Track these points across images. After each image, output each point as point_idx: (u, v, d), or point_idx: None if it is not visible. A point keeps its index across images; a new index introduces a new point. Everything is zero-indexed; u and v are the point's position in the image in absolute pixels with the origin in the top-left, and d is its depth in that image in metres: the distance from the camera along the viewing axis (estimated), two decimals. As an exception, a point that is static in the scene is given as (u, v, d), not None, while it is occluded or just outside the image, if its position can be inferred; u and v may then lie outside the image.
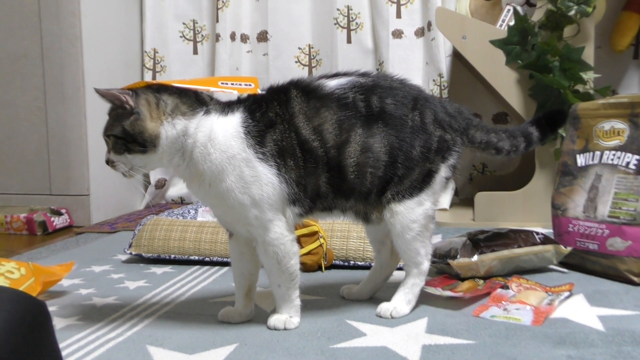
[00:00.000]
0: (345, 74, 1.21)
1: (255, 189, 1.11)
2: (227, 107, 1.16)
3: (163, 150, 1.12)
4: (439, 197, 1.26)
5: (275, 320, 1.18)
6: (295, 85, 1.18)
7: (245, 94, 1.18)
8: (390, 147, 1.17)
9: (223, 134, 1.12)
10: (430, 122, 1.20)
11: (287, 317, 1.18)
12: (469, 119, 1.27)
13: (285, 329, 1.17)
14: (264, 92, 1.17)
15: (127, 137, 1.11)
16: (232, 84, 1.15)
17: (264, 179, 1.11)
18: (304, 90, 1.16)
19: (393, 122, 1.17)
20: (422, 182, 1.20)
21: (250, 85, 1.16)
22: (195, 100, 1.14)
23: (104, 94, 1.11)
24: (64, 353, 1.07)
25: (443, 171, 1.22)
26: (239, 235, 1.20)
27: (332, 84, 1.18)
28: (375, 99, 1.17)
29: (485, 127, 1.30)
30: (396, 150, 1.17)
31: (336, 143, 1.14)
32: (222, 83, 1.16)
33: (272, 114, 1.14)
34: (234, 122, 1.13)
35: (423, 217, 1.21)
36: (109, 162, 1.15)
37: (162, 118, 1.11)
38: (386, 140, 1.16)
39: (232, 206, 1.13)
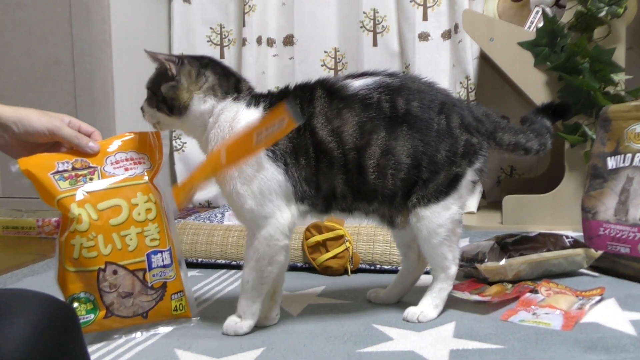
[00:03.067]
0: (372, 74, 1.20)
1: (256, 184, 1.12)
2: (254, 99, 1.18)
3: (185, 121, 1.17)
4: (466, 200, 1.25)
5: (227, 325, 1.17)
6: (322, 84, 1.18)
7: (275, 89, 1.20)
8: (413, 150, 1.15)
9: (243, 125, 1.14)
10: (457, 126, 1.19)
11: (238, 320, 1.17)
12: (496, 122, 1.26)
13: (235, 334, 1.16)
14: (291, 89, 1.19)
15: (160, 97, 1.17)
16: (267, 130, 1.09)
17: (268, 176, 1.12)
18: (329, 91, 1.16)
19: (418, 125, 1.16)
20: (448, 186, 1.19)
21: (282, 122, 1.07)
22: (233, 86, 1.18)
23: (152, 56, 1.18)
24: (92, 357, 1.08)
25: (470, 175, 1.21)
26: None
27: (357, 84, 1.17)
28: (401, 100, 1.16)
29: (513, 128, 1.29)
30: (420, 153, 1.16)
31: (356, 145, 1.13)
32: (258, 135, 1.10)
33: None
34: (256, 115, 1.15)
35: (450, 221, 1.20)
36: (142, 109, 1.22)
37: (196, 92, 1.15)
38: (410, 144, 1.15)
39: (229, 193, 1.14)
